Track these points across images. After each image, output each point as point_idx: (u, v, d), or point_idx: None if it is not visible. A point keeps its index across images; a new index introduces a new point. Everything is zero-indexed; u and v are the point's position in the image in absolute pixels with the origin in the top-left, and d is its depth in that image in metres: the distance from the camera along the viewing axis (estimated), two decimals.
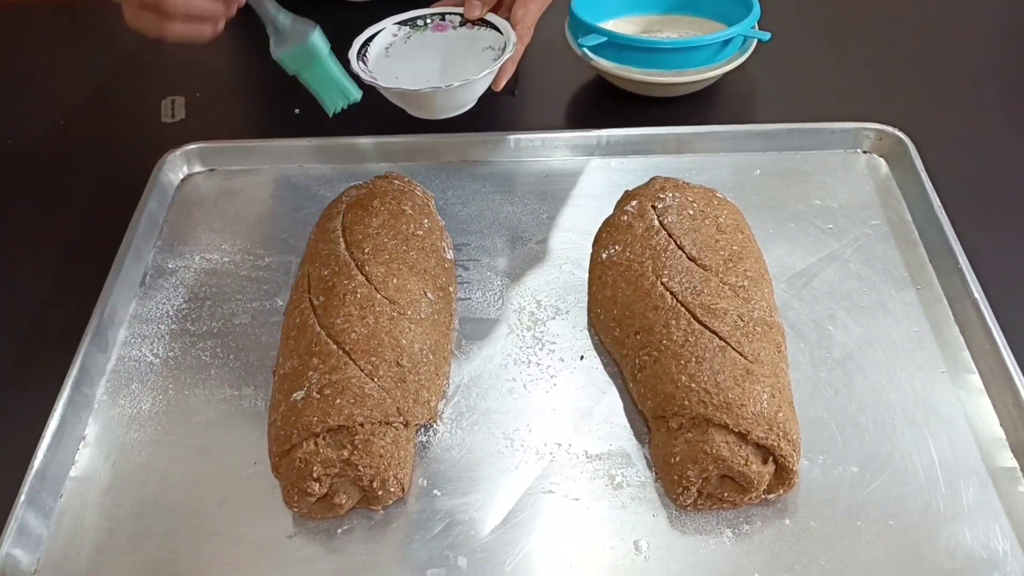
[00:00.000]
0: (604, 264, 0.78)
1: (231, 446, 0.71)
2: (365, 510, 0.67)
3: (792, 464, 0.64)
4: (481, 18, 0.86)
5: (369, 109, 0.81)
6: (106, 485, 0.69)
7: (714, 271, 0.73)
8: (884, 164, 0.94)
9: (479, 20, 0.86)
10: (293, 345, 0.71)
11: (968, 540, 0.64)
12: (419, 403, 0.69)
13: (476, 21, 0.86)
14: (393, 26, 0.88)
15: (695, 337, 0.68)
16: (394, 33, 0.88)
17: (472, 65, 0.83)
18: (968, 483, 0.67)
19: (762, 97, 1.04)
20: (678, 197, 0.79)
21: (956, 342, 0.76)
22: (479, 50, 0.86)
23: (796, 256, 0.84)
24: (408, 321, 0.71)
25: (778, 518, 0.66)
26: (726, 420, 0.64)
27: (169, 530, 0.67)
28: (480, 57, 0.86)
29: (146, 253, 0.87)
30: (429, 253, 0.78)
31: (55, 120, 1.05)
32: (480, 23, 0.86)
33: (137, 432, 0.72)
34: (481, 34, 0.86)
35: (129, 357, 0.78)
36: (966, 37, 1.14)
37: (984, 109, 1.02)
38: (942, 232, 0.82)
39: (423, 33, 0.88)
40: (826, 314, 0.79)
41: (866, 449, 0.69)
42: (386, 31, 0.87)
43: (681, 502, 0.66)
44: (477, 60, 0.85)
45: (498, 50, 0.84)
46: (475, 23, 0.87)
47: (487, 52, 0.85)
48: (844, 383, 0.74)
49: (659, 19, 1.07)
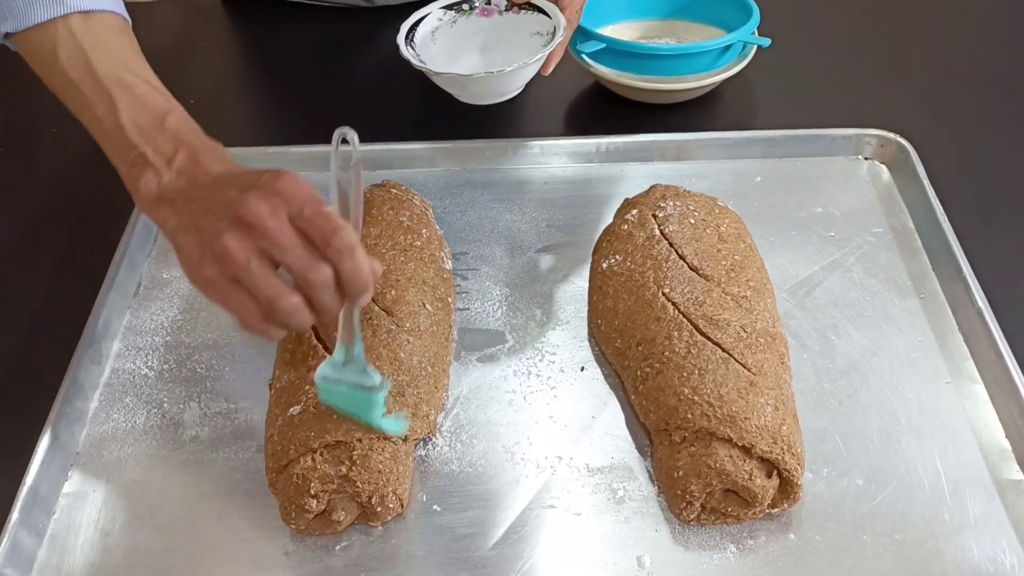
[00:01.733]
0: (605, 274, 0.77)
1: (227, 461, 0.70)
2: (364, 526, 0.66)
3: (797, 478, 0.64)
4: (528, 2, 0.85)
5: (366, 117, 0.80)
6: (100, 501, 0.68)
7: (716, 281, 0.73)
8: (886, 171, 0.93)
9: (525, 4, 0.86)
10: (290, 358, 0.70)
11: (975, 554, 0.63)
12: (418, 417, 0.68)
13: (522, 5, 0.87)
14: (439, 11, 0.88)
15: (698, 349, 0.68)
16: (440, 18, 0.88)
17: (518, 50, 0.84)
18: (974, 495, 0.66)
19: (762, 103, 1.04)
20: (679, 206, 0.79)
21: (960, 352, 0.76)
22: (526, 35, 0.87)
23: (798, 265, 0.83)
24: (407, 334, 0.70)
25: (783, 532, 0.65)
26: (730, 434, 0.63)
27: (165, 547, 0.65)
28: (528, 42, 0.86)
29: (140, 263, 0.86)
30: (428, 263, 0.77)
31: (48, 128, 1.04)
32: (527, 7, 0.87)
33: (132, 447, 0.71)
34: (527, 18, 0.86)
35: (123, 370, 0.77)
36: (968, 43, 1.14)
37: (987, 115, 1.01)
38: (945, 240, 0.82)
39: (468, 18, 0.88)
40: (829, 324, 0.78)
41: (871, 461, 0.69)
42: (432, 16, 0.88)
43: (684, 517, 0.65)
44: (524, 45, 0.86)
45: (546, 35, 0.84)
46: (521, 7, 0.87)
47: (535, 38, 0.85)
48: (848, 394, 0.73)
49: (659, 25, 1.06)
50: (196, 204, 0.57)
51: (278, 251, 0.54)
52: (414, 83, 0.96)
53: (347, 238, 0.54)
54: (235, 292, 0.56)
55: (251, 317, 0.56)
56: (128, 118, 0.61)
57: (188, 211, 0.57)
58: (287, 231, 0.54)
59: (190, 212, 0.57)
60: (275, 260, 0.55)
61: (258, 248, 0.54)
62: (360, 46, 1.11)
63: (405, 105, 1.03)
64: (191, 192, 0.58)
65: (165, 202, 0.59)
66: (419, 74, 0.86)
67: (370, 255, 0.56)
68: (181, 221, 0.58)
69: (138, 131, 0.61)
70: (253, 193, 0.54)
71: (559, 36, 0.82)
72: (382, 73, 1.07)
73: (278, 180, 0.55)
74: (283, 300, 0.55)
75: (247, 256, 0.54)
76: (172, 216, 0.59)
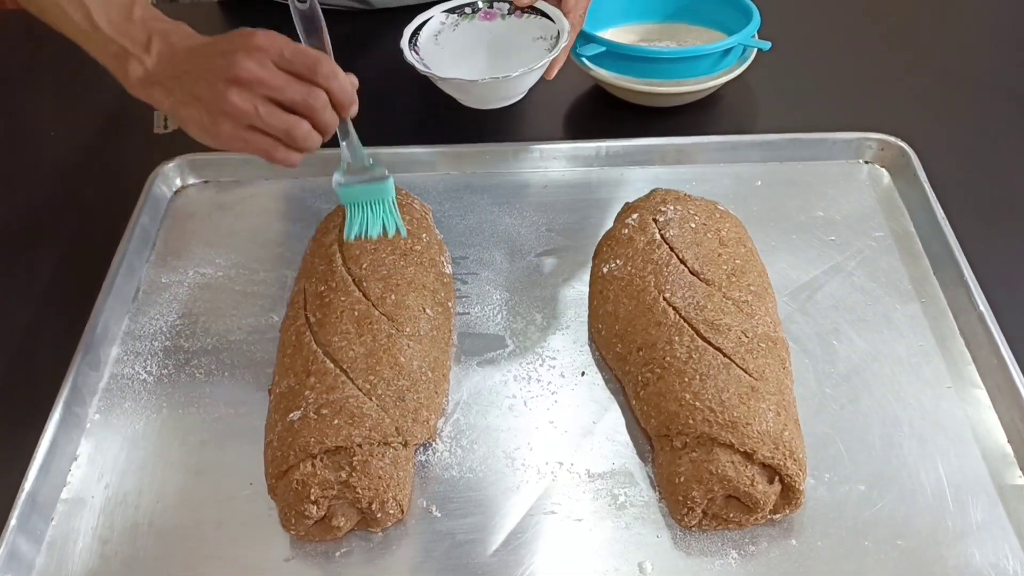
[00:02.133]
0: (605, 278, 0.77)
1: (227, 467, 0.70)
2: (364, 532, 0.66)
3: (798, 484, 0.63)
4: (531, 6, 0.85)
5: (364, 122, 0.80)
6: (99, 507, 0.68)
7: (717, 286, 0.72)
8: (886, 174, 0.93)
9: (528, 8, 0.86)
10: (289, 363, 0.69)
11: (977, 559, 0.63)
12: (418, 422, 0.68)
13: (525, 9, 0.86)
14: (441, 14, 0.88)
15: (699, 354, 0.67)
16: (442, 21, 0.88)
17: (522, 54, 0.84)
18: (976, 501, 0.66)
19: (763, 107, 1.03)
20: (679, 210, 0.78)
21: (962, 356, 0.76)
22: (528, 39, 0.87)
23: (799, 269, 0.83)
24: (407, 338, 0.70)
25: (784, 538, 0.65)
26: (731, 439, 0.63)
27: (164, 553, 0.65)
28: (530, 47, 0.86)
29: (139, 268, 0.85)
30: (427, 268, 0.77)
31: (46, 132, 1.03)
32: (530, 11, 0.86)
33: (130, 452, 0.71)
34: (530, 23, 0.87)
35: (122, 375, 0.77)
36: (968, 46, 1.14)
37: (987, 118, 1.01)
38: (946, 243, 0.82)
39: (471, 21, 0.88)
40: (830, 328, 0.78)
41: (873, 467, 0.68)
42: (434, 19, 0.88)
43: (686, 523, 0.65)
44: (527, 49, 0.86)
45: (549, 39, 0.84)
46: (524, 11, 0.86)
47: (538, 42, 0.86)
48: (850, 399, 0.73)
49: (658, 28, 1.06)
50: (185, 78, 0.66)
51: (277, 92, 0.64)
52: (413, 87, 0.95)
53: (328, 64, 0.65)
54: (254, 136, 0.65)
55: (274, 150, 0.66)
56: (101, 18, 0.68)
57: (179, 86, 0.66)
58: (279, 74, 0.64)
59: (181, 87, 0.66)
60: (274, 100, 0.64)
61: (260, 96, 0.64)
62: (359, 49, 1.11)
63: (404, 109, 1.03)
64: (174, 70, 0.66)
65: (155, 84, 0.67)
66: (418, 78, 0.85)
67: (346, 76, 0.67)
68: (177, 98, 0.66)
69: (112, 27, 0.68)
70: (239, 54, 0.63)
71: (563, 41, 0.82)
72: (381, 76, 1.06)
73: (253, 37, 0.65)
74: (297, 128, 0.65)
75: (253, 105, 0.64)
76: (165, 96, 0.67)
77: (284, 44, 0.65)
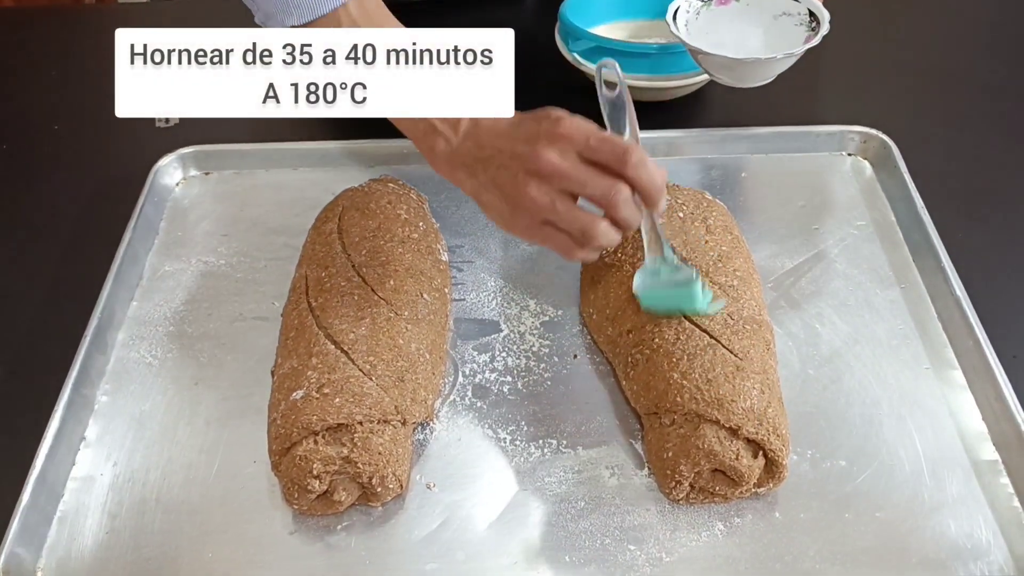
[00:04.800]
0: (596, 265, 0.80)
1: (230, 445, 0.72)
2: (364, 507, 0.68)
3: (782, 458, 0.66)
4: None
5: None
6: (107, 484, 0.70)
7: (703, 271, 0.75)
8: (869, 166, 0.95)
9: None
10: (292, 345, 0.72)
11: (953, 530, 0.66)
12: (416, 402, 0.70)
13: None
14: (685, 2, 0.93)
15: (686, 335, 0.70)
16: (687, 9, 0.93)
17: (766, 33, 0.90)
18: (952, 475, 0.69)
19: (749, 101, 1.05)
20: (668, 199, 0.81)
21: (940, 339, 0.78)
22: (769, 18, 0.92)
23: (784, 256, 0.86)
24: (405, 322, 0.72)
25: (768, 511, 0.68)
26: (717, 416, 0.66)
27: (170, 528, 0.67)
28: (774, 24, 0.91)
29: (143, 257, 0.88)
30: (425, 255, 0.79)
31: (50, 124, 1.05)
32: None
33: (137, 432, 0.73)
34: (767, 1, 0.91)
35: (128, 358, 0.79)
36: (949, 42, 1.17)
37: (966, 112, 1.04)
38: (925, 232, 0.84)
39: (709, 8, 0.93)
40: (814, 312, 0.81)
41: (853, 443, 0.71)
42: (681, 8, 0.92)
43: (674, 496, 0.67)
44: (771, 27, 0.91)
45: (797, 15, 0.89)
46: None
47: (782, 19, 0.90)
48: (832, 379, 0.75)
49: (648, 24, 1.09)
50: (489, 163, 0.64)
51: (578, 187, 0.62)
52: None
53: (638, 154, 0.62)
54: (549, 232, 0.64)
55: (569, 249, 0.65)
56: None
57: (483, 170, 0.65)
58: (580, 168, 0.62)
59: (485, 170, 0.65)
60: (575, 193, 0.62)
61: (558, 190, 0.62)
62: None
63: None
64: (479, 152, 0.65)
65: (459, 166, 0.67)
66: None
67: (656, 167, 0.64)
68: (479, 181, 0.66)
69: None
70: (541, 143, 0.62)
71: (824, 28, 0.86)
72: None
73: (558, 126, 0.62)
74: (595, 227, 0.63)
75: (551, 200, 0.62)
76: (468, 178, 0.67)
77: (591, 132, 0.62)
